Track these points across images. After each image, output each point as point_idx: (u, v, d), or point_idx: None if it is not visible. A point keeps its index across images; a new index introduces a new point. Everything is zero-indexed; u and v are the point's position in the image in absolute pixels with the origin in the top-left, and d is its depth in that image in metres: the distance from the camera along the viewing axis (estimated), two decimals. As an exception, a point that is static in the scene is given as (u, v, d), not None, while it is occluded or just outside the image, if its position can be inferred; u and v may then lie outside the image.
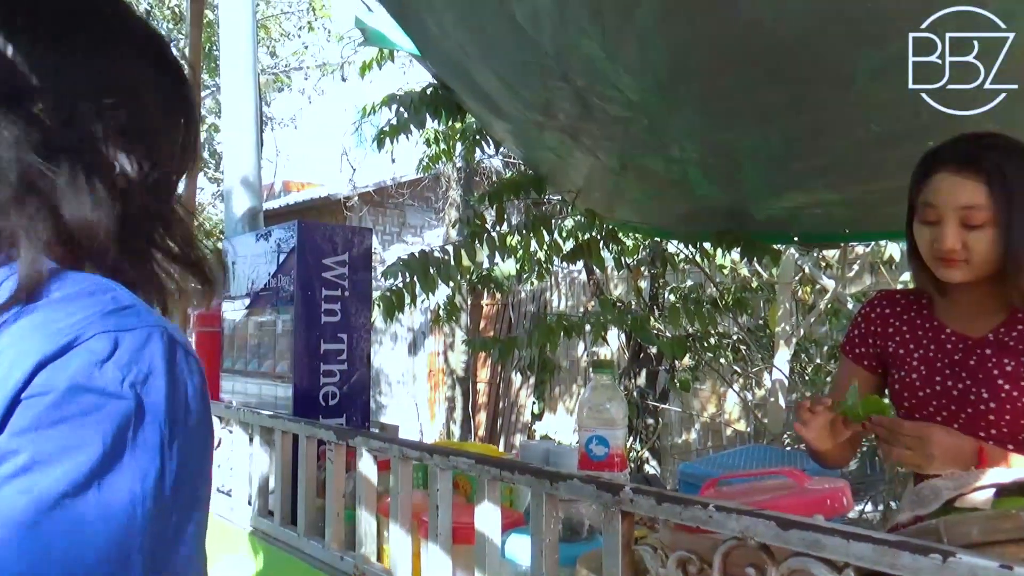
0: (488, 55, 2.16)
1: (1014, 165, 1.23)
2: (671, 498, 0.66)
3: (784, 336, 3.33)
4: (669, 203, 2.70)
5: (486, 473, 0.85)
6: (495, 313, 7.15)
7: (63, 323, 0.50)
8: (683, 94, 2.01)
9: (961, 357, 1.32)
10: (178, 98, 0.69)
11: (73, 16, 0.64)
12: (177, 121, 0.68)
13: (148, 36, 0.68)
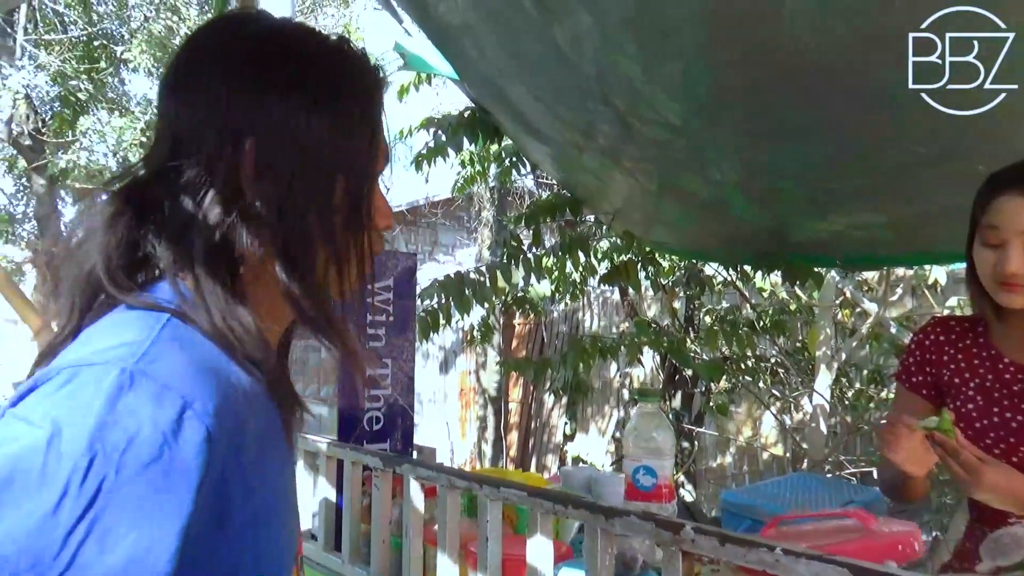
0: (528, 78, 2.16)
1: None
2: (735, 539, 0.64)
3: (824, 360, 3.26)
4: (707, 225, 2.67)
5: (539, 507, 0.83)
6: (527, 332, 7.14)
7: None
8: (724, 115, 1.99)
9: (1021, 388, 1.28)
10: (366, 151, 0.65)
11: (297, 71, 0.62)
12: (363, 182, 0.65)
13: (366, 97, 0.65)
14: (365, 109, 0.64)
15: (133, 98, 10.02)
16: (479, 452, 6.77)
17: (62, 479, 0.43)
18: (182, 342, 0.53)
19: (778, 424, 4.21)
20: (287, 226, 0.60)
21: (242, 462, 0.52)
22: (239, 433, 0.52)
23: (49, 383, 0.48)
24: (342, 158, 0.62)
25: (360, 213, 0.63)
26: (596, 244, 3.31)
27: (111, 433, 0.45)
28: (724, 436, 4.85)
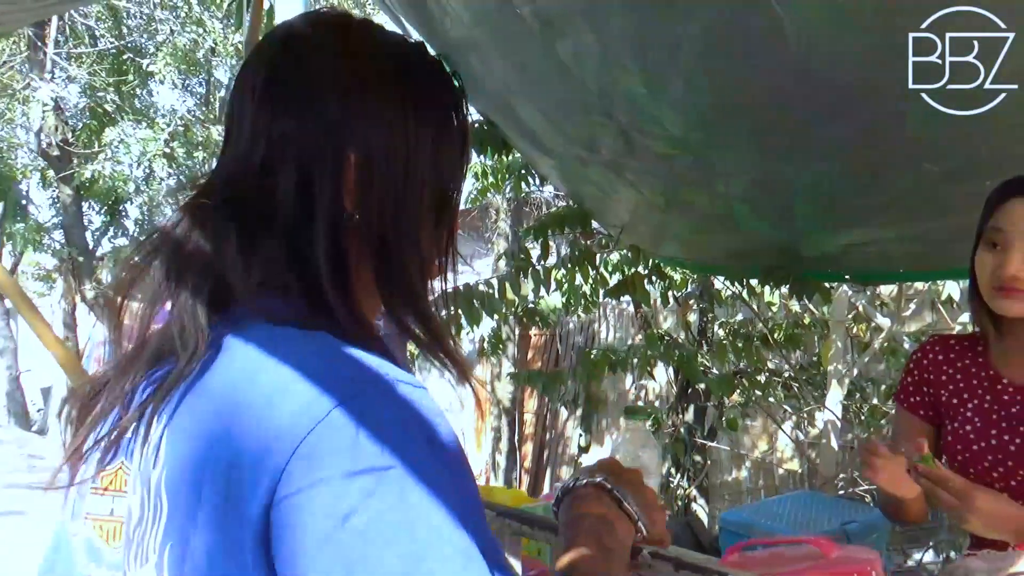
0: (532, 92, 2.17)
1: None
2: (689, 565, 0.63)
3: (837, 375, 3.22)
4: (716, 239, 2.66)
5: (507, 528, 0.83)
6: (543, 344, 7.13)
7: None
8: (729, 132, 1.98)
9: (1019, 409, 1.25)
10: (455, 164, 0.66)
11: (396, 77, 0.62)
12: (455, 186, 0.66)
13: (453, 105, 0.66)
14: (457, 120, 0.66)
15: (159, 110, 10.21)
16: (493, 463, 6.76)
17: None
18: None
19: (792, 439, 4.16)
20: (386, 237, 0.60)
21: None
22: None
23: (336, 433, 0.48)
24: (443, 168, 0.64)
25: (452, 220, 0.66)
26: (607, 256, 3.31)
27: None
28: (736, 451, 4.80)
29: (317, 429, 0.47)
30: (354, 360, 0.52)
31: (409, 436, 0.49)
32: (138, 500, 0.54)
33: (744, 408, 4.15)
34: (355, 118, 0.59)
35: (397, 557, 0.45)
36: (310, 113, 0.59)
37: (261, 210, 0.59)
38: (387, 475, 0.47)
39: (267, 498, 0.47)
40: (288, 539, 0.46)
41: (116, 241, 10.53)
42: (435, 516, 0.47)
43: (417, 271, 0.62)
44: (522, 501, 1.27)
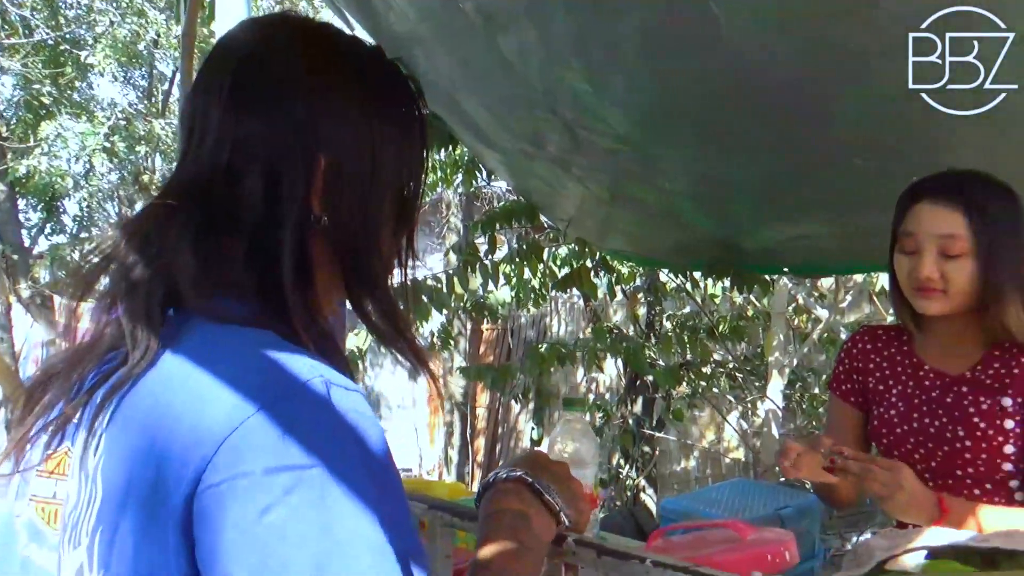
0: (476, 88, 2.18)
1: (994, 198, 1.26)
2: (610, 552, 0.65)
3: (778, 365, 3.31)
4: (660, 233, 2.70)
5: (438, 520, 0.84)
6: (495, 339, 7.14)
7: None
8: (670, 128, 2.02)
9: (938, 394, 1.31)
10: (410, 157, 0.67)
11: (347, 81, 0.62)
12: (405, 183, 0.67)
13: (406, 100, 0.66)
14: (418, 125, 0.67)
15: (99, 103, 9.89)
16: (446, 458, 6.76)
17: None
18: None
19: (737, 429, 4.26)
20: (349, 237, 0.62)
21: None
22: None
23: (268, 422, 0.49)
24: (406, 167, 0.65)
25: (409, 223, 0.68)
26: (555, 250, 3.33)
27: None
28: (684, 441, 4.89)
29: (245, 425, 0.49)
30: (289, 362, 0.53)
31: (335, 438, 0.51)
32: (75, 485, 0.56)
33: (691, 399, 4.24)
34: (323, 119, 0.60)
35: (310, 555, 0.47)
36: (278, 115, 0.60)
37: (226, 211, 0.60)
38: (308, 474, 0.48)
39: (191, 487, 0.48)
40: (208, 527, 0.48)
41: (53, 239, 10.18)
42: (353, 517, 0.48)
43: (380, 269, 0.64)
44: (460, 494, 1.29)
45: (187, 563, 0.49)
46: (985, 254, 1.21)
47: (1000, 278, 1.21)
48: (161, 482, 0.50)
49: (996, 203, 1.25)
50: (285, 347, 0.54)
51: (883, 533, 0.61)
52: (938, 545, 0.57)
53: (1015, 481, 1.23)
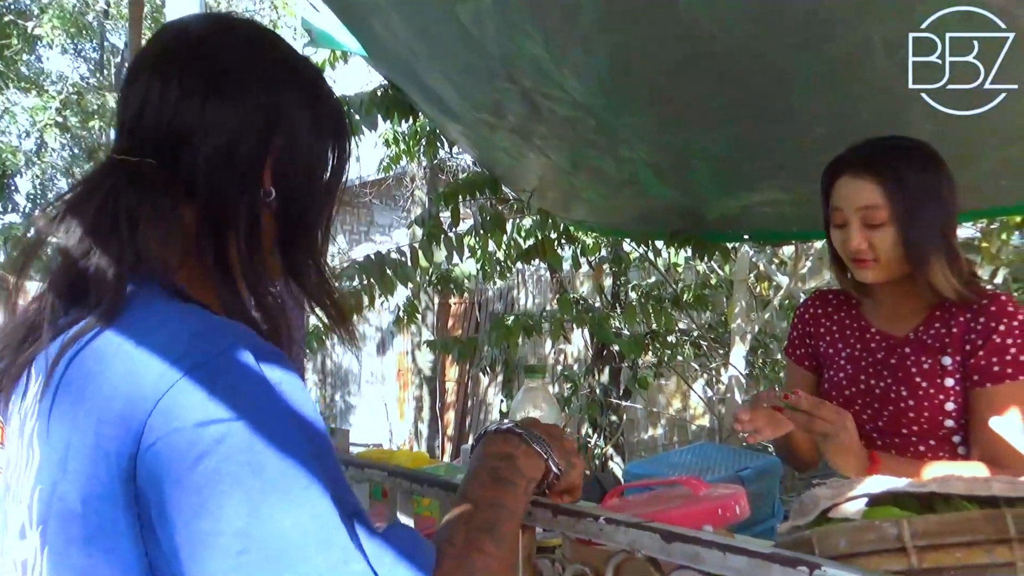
0: (435, 56, 2.15)
1: (910, 164, 1.29)
2: (565, 511, 0.66)
3: (740, 332, 3.37)
4: (622, 203, 2.71)
5: (398, 487, 0.84)
6: (463, 312, 7.14)
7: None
8: (628, 96, 2.01)
9: (884, 356, 1.35)
10: (326, 136, 0.72)
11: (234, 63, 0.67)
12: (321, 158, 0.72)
13: (301, 74, 0.71)
14: (342, 113, 0.75)
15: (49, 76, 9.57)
16: (416, 432, 6.78)
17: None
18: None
19: (702, 396, 4.32)
20: (303, 215, 0.68)
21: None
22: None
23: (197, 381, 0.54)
24: (335, 153, 0.72)
25: (333, 204, 0.74)
26: (519, 222, 3.33)
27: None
28: (650, 409, 4.96)
29: (174, 387, 0.53)
30: (212, 330, 0.58)
31: (258, 395, 0.55)
32: (14, 447, 0.62)
33: (657, 368, 4.30)
34: (282, 104, 0.66)
35: (243, 492, 0.51)
36: (239, 95, 0.65)
37: (179, 182, 0.64)
38: (236, 425, 0.53)
39: (133, 448, 0.53)
40: (152, 485, 0.52)
41: (5, 217, 9.89)
42: (280, 459, 0.53)
43: (319, 242, 0.71)
44: (422, 463, 1.29)
45: (137, 518, 0.54)
46: (905, 220, 1.25)
47: (920, 241, 1.25)
48: (102, 444, 0.54)
49: (912, 169, 1.28)
50: (210, 317, 0.59)
51: (828, 483, 0.63)
52: (878, 492, 0.59)
53: (958, 436, 1.28)
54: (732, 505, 0.76)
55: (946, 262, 1.25)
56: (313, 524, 0.52)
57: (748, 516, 0.77)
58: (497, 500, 0.65)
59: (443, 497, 0.79)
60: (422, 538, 0.61)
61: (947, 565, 0.52)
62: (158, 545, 0.53)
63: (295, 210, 0.68)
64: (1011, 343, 1.22)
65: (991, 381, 1.22)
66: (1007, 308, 1.24)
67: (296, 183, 0.68)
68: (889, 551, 0.53)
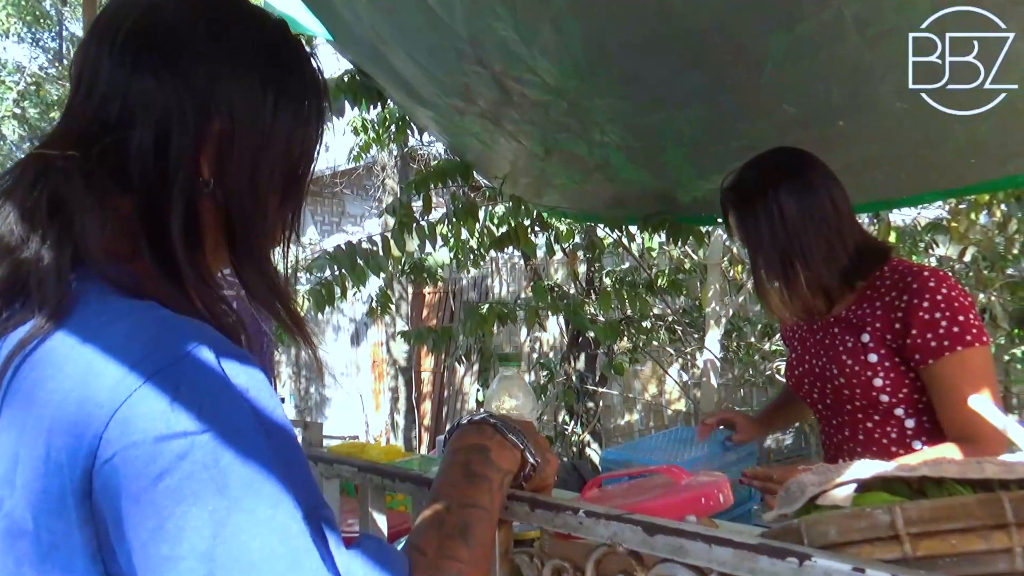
0: (402, 39, 2.10)
1: (735, 205, 1.47)
2: (543, 504, 0.63)
3: (715, 316, 3.37)
4: (595, 188, 2.68)
5: (368, 482, 0.81)
6: (437, 302, 7.10)
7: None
8: (600, 77, 1.98)
9: (820, 336, 1.41)
10: (285, 122, 0.66)
11: (183, 39, 0.61)
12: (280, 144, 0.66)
13: (264, 53, 0.65)
14: (316, 99, 0.68)
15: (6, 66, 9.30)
16: (392, 423, 6.74)
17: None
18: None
19: (677, 381, 4.34)
20: (238, 204, 0.62)
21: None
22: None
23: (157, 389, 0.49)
24: (296, 143, 0.66)
25: (297, 195, 0.68)
26: (492, 209, 3.29)
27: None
28: (627, 395, 4.97)
29: (133, 396, 0.49)
30: (173, 331, 0.53)
31: (224, 403, 0.51)
32: None
33: (632, 354, 4.29)
34: (220, 84, 0.61)
35: (208, 513, 0.47)
36: (176, 76, 0.59)
37: (113, 169, 0.59)
38: (200, 439, 0.48)
39: (88, 461, 0.49)
40: (108, 502, 0.48)
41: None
42: (248, 475, 0.49)
43: (264, 239, 0.65)
44: (396, 456, 1.26)
45: (95, 535, 0.50)
46: (760, 246, 1.38)
47: (757, 281, 1.39)
48: (54, 457, 0.49)
49: (737, 209, 1.42)
50: (170, 317, 0.54)
51: (815, 469, 0.61)
52: (867, 477, 0.57)
53: (899, 409, 1.30)
54: (716, 494, 0.74)
55: (804, 266, 1.33)
56: (282, 546, 0.48)
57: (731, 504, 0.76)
58: (470, 499, 0.61)
59: (415, 492, 0.76)
60: (392, 548, 0.57)
61: (942, 552, 0.50)
62: (117, 565, 0.49)
63: (238, 202, 0.62)
64: (939, 316, 1.23)
65: (932, 357, 1.23)
66: (928, 283, 1.26)
67: (239, 173, 0.62)
68: (881, 539, 0.51)
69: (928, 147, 1.97)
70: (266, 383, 0.54)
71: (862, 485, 0.57)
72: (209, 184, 0.60)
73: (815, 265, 1.32)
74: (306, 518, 0.50)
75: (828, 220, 1.34)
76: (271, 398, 0.54)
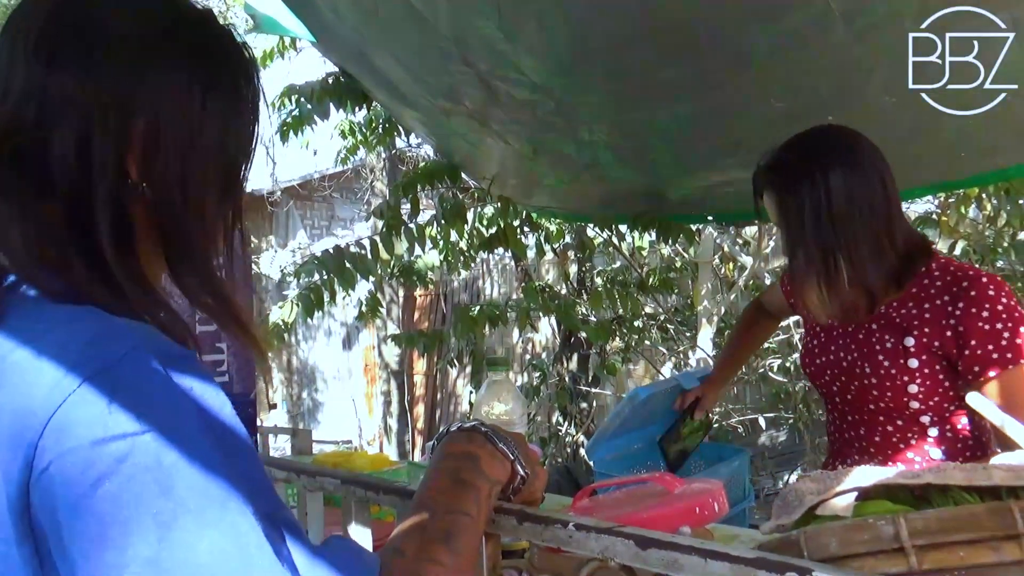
0: (386, 40, 2.07)
1: (795, 171, 1.33)
2: (532, 517, 0.60)
3: (707, 315, 3.35)
4: (584, 187, 2.66)
5: (352, 495, 0.78)
6: (428, 304, 7.07)
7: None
8: (587, 74, 1.96)
9: (853, 329, 1.33)
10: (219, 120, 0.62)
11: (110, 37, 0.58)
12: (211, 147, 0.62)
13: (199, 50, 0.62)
14: (250, 89, 0.65)
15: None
16: (385, 427, 6.70)
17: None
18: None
19: (671, 379, 4.31)
20: (170, 205, 0.59)
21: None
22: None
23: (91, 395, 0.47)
24: (227, 140, 0.62)
25: (236, 192, 0.65)
26: (481, 210, 3.26)
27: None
28: (619, 395, 4.95)
29: (67, 401, 0.46)
30: (109, 333, 0.51)
31: (165, 403, 0.49)
32: None
33: (625, 353, 4.27)
34: (143, 84, 0.58)
35: (151, 516, 0.45)
36: (95, 74, 0.56)
37: (35, 173, 0.56)
38: (141, 439, 0.46)
39: (24, 473, 0.46)
40: (47, 515, 0.46)
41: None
42: (193, 475, 0.47)
43: (202, 241, 0.62)
44: (383, 465, 1.23)
45: (35, 553, 0.48)
46: (785, 245, 1.31)
47: (795, 267, 1.30)
48: None
49: (799, 176, 1.29)
50: (108, 320, 0.52)
51: (812, 476, 0.58)
52: (868, 484, 0.55)
53: (926, 417, 1.25)
54: (711, 503, 0.71)
55: (868, 254, 1.24)
56: (232, 546, 0.46)
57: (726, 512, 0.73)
58: (457, 506, 0.59)
59: (399, 505, 0.73)
60: (362, 549, 0.55)
61: (950, 565, 0.47)
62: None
63: (170, 202, 0.59)
64: (1000, 328, 1.16)
65: (992, 369, 1.16)
66: (988, 291, 1.18)
67: (169, 173, 0.59)
68: (885, 551, 0.49)
69: (917, 141, 1.95)
70: (213, 386, 0.52)
71: (863, 493, 0.55)
72: (139, 186, 0.58)
73: (859, 263, 1.22)
74: (260, 516, 0.48)
75: (878, 212, 1.23)
76: (217, 397, 0.52)
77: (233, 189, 0.64)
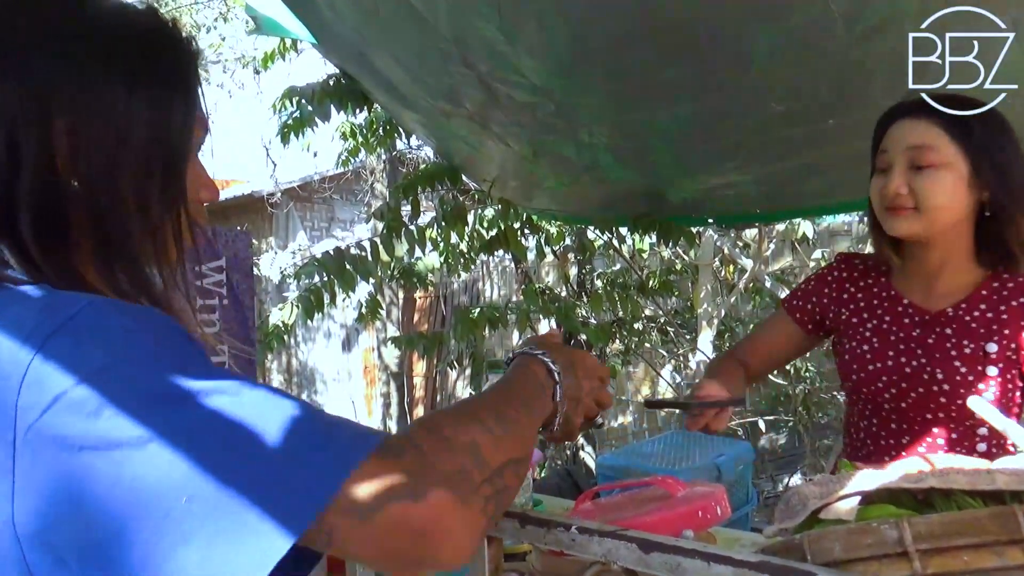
0: (387, 41, 2.07)
1: (975, 109, 1.18)
2: (534, 520, 0.60)
3: (707, 317, 3.35)
4: (584, 189, 2.66)
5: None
6: (428, 307, 7.07)
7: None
8: (587, 76, 1.96)
9: (919, 333, 1.24)
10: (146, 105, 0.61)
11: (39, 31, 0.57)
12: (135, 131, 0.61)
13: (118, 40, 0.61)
14: (182, 82, 0.63)
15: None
16: (384, 429, 6.70)
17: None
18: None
19: (670, 382, 4.32)
20: (102, 202, 0.58)
21: None
22: None
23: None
24: (160, 133, 0.61)
25: (177, 186, 0.63)
26: (482, 212, 3.26)
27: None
28: (619, 397, 4.95)
29: (36, 358, 0.47)
30: (67, 297, 0.52)
31: (132, 338, 0.50)
32: None
33: (625, 356, 4.27)
34: (63, 82, 0.57)
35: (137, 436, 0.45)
36: (13, 73, 0.56)
37: None
38: (116, 368, 0.48)
39: (10, 435, 0.47)
40: (31, 467, 0.46)
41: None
42: (176, 381, 0.48)
43: (134, 239, 0.61)
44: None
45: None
46: (973, 162, 1.16)
47: (1008, 201, 1.16)
48: None
49: (978, 116, 1.17)
50: (59, 291, 0.54)
51: (815, 480, 0.58)
52: (871, 488, 0.55)
53: (984, 429, 1.18)
54: (713, 506, 0.71)
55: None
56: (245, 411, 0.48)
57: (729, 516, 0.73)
58: (518, 402, 0.62)
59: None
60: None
61: (954, 570, 0.47)
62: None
63: (100, 198, 0.59)
64: None
65: None
66: None
67: (97, 169, 0.58)
68: (889, 556, 0.49)
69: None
70: (174, 322, 0.54)
71: (866, 497, 0.55)
72: (71, 185, 0.57)
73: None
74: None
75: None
76: (182, 336, 0.53)
77: (175, 182, 0.63)
